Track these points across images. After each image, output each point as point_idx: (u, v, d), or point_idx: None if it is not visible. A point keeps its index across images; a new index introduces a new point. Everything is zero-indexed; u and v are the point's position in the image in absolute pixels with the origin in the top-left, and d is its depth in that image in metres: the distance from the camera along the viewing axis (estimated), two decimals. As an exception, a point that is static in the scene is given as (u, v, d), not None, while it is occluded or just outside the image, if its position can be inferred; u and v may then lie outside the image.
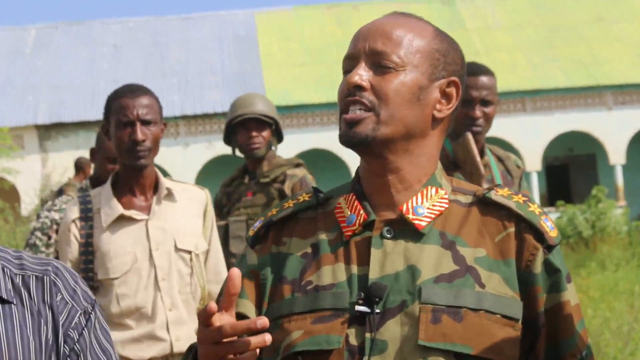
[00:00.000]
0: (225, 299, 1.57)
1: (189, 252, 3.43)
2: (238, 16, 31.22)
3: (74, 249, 3.46)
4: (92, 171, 4.85)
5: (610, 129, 27.81)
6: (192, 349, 1.75)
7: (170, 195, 3.48)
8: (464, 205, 1.77)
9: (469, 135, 3.73)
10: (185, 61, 29.22)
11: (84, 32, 30.75)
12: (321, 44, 29.01)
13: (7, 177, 23.98)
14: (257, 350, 1.57)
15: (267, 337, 1.54)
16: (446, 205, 1.76)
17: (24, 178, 25.64)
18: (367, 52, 1.75)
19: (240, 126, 4.75)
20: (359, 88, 1.73)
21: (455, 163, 3.80)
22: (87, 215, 3.46)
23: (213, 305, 1.54)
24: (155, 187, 3.48)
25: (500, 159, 4.00)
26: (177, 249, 3.41)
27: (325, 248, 1.76)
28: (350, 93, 1.74)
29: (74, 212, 3.49)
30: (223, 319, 1.57)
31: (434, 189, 1.77)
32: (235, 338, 1.55)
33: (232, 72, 28.59)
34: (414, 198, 1.75)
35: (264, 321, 1.53)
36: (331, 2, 31.68)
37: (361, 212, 1.75)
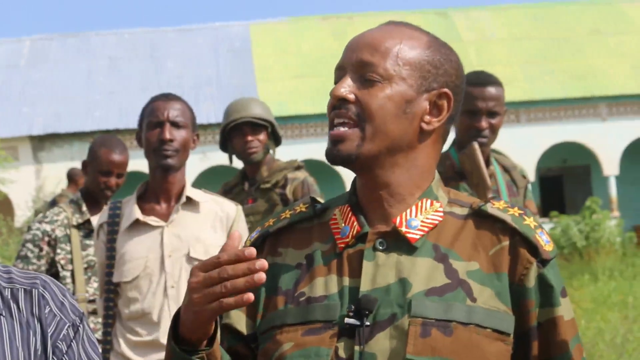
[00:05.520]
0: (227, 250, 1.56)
1: None
2: (233, 28, 31.26)
3: (101, 253, 3.53)
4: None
5: (605, 140, 27.86)
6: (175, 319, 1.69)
7: (193, 204, 3.49)
8: (459, 217, 1.75)
9: (476, 145, 3.70)
10: (181, 73, 29.25)
11: (80, 43, 30.75)
12: (316, 55, 29.05)
13: (1, 188, 23.97)
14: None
15: (261, 276, 1.52)
16: (440, 219, 1.74)
17: (18, 189, 25.62)
18: (354, 64, 1.72)
19: (235, 131, 4.63)
20: (344, 101, 1.71)
21: (462, 173, 3.77)
22: (114, 221, 3.51)
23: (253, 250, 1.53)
24: (181, 196, 3.50)
25: (506, 169, 3.96)
26: (190, 258, 3.42)
27: (319, 259, 1.74)
28: (335, 106, 1.72)
29: (103, 217, 3.56)
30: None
31: (428, 202, 1.75)
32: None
33: (228, 83, 28.63)
34: (408, 211, 1.73)
35: (262, 262, 1.52)
36: (326, 14, 31.75)
37: (355, 223, 1.74)
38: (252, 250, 1.53)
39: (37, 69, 29.52)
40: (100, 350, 1.82)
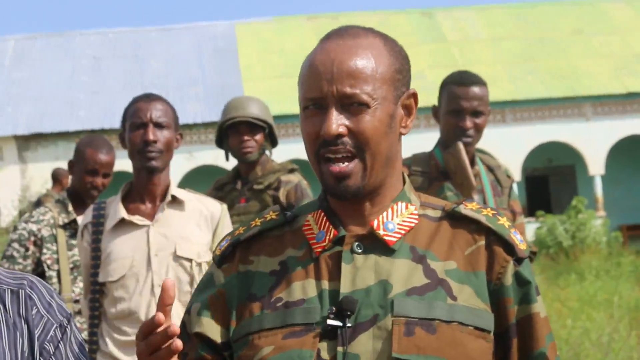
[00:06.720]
0: (159, 309, 1.61)
1: (190, 260, 3.43)
2: (218, 27, 31.21)
3: (86, 254, 3.52)
4: (69, 182, 4.83)
5: (590, 140, 27.95)
6: None
7: (178, 203, 3.49)
8: (433, 219, 1.78)
9: (460, 145, 3.71)
10: (166, 73, 29.18)
11: (63, 43, 30.65)
12: (301, 55, 28.99)
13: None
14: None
15: (177, 344, 1.60)
16: (416, 221, 1.77)
17: (3, 189, 25.52)
18: (336, 97, 1.71)
19: (232, 129, 4.63)
20: (338, 135, 1.71)
21: (446, 173, 3.78)
22: (99, 221, 3.51)
23: (161, 316, 1.60)
24: (166, 195, 3.49)
25: (490, 169, 3.97)
26: (176, 256, 3.42)
27: (294, 265, 1.75)
28: (328, 142, 1.71)
29: (87, 218, 3.55)
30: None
31: (403, 204, 1.78)
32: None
33: (213, 83, 28.57)
34: (385, 214, 1.76)
35: (172, 329, 1.60)
36: (311, 14, 31.74)
37: (330, 228, 1.76)
38: (160, 317, 1.60)
39: (20, 69, 29.40)
40: (87, 351, 1.82)
